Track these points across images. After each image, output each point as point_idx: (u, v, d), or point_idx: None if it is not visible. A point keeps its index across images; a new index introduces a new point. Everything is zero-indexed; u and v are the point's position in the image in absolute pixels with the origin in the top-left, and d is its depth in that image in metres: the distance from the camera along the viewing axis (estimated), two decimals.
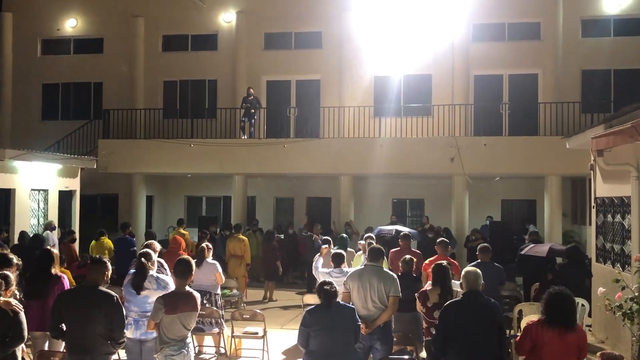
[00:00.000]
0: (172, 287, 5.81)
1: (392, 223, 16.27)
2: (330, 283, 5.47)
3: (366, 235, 10.47)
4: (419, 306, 6.64)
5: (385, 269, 6.51)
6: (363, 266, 6.58)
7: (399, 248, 9.63)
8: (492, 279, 7.92)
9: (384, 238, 13.74)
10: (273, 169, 16.95)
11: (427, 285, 6.83)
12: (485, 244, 8.26)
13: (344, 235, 11.10)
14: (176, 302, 5.23)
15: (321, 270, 8.06)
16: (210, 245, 8.94)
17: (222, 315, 8.21)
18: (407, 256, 7.82)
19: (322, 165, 16.45)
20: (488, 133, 16.88)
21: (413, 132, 16.92)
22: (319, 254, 9.30)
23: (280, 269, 13.36)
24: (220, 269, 8.63)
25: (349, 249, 10.17)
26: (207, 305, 8.29)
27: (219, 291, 8.65)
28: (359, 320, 5.57)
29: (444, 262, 6.74)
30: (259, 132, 17.85)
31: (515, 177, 18.17)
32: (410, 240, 9.74)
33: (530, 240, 11.79)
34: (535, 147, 15.71)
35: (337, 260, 7.85)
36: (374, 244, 7.59)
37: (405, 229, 12.83)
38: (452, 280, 6.64)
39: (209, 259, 8.66)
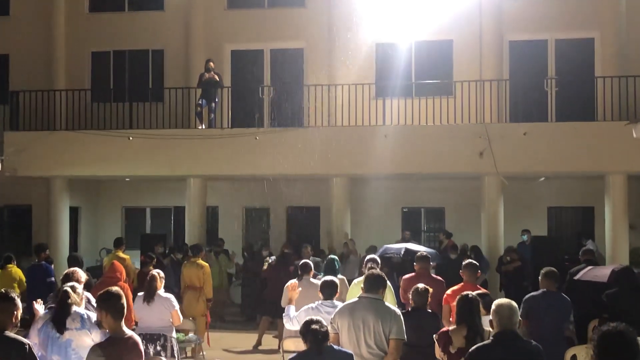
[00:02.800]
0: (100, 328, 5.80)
1: (405, 240, 16.30)
2: (319, 321, 5.49)
3: (367, 258, 10.40)
4: (438, 352, 6.64)
5: (386, 303, 6.55)
6: (357, 299, 6.61)
7: (413, 274, 9.69)
8: (560, 315, 8.13)
9: (391, 260, 13.91)
10: (241, 170, 16.92)
11: (450, 325, 6.84)
12: (551, 269, 8.45)
13: (333, 256, 10.96)
14: (118, 352, 5.21)
15: (299, 312, 7.54)
16: (162, 273, 9.05)
17: None
18: (421, 285, 7.87)
19: (308, 164, 16.27)
20: (529, 118, 16.91)
21: (428, 118, 16.79)
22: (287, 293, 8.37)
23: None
24: (177, 305, 8.77)
25: (339, 276, 9.87)
26: (162, 354, 8.34)
27: (174, 334, 8.76)
28: None
29: (472, 293, 6.76)
30: (221, 120, 17.75)
31: (565, 176, 18.18)
32: (430, 263, 9.84)
33: (584, 260, 11.69)
34: (592, 136, 15.74)
35: (329, 290, 7.57)
36: (377, 269, 7.57)
37: (420, 248, 13.04)
38: (482, 317, 6.65)
39: (162, 292, 8.77)
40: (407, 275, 9.82)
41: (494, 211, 16.91)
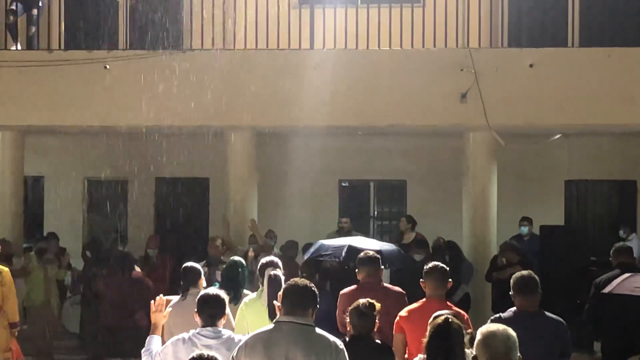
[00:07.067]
0: None
1: (344, 233, 16.66)
2: (210, 358, 5.62)
3: (263, 261, 10.24)
4: None
5: (320, 331, 6.79)
6: (273, 325, 6.86)
7: (354, 286, 10.14)
8: (544, 345, 8.38)
9: (324, 266, 14.21)
10: (81, 119, 16.55)
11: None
12: (527, 273, 8.73)
13: (236, 259, 11.10)
14: None
15: (165, 346, 7.75)
16: None
17: None
18: (362, 300, 8.22)
19: (191, 110, 15.89)
20: (538, 42, 17.02)
21: (382, 40, 16.49)
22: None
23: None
24: None
25: (245, 292, 10.34)
26: None
27: None
28: None
29: (447, 314, 6.96)
30: (49, 37, 17.45)
31: (595, 133, 18.57)
32: (381, 268, 10.31)
33: (618, 265, 11.96)
34: (634, 69, 15.71)
35: (211, 310, 7.71)
36: (280, 276, 8.31)
37: (371, 245, 13.08)
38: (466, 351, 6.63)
39: None
40: (346, 289, 10.20)
41: (482, 187, 16.93)
